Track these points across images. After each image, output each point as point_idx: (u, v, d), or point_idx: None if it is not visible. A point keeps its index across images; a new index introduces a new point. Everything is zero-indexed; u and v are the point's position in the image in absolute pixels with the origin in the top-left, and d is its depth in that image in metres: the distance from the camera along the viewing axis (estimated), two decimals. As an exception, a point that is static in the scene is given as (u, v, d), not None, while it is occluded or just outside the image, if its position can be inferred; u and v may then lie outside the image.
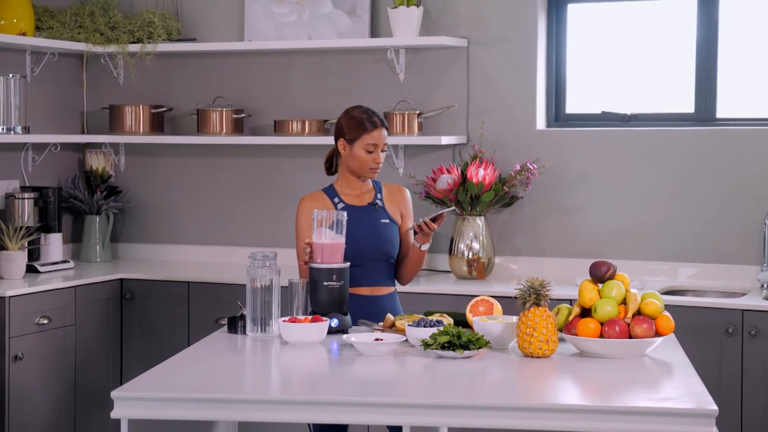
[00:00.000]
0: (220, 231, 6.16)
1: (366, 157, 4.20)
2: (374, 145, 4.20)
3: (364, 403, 3.11)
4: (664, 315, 3.58)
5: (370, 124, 4.20)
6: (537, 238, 5.63)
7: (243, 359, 3.71)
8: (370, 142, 4.19)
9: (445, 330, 3.58)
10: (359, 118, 4.21)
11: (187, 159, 6.20)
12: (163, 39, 6.00)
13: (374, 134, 4.20)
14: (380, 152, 4.22)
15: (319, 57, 5.95)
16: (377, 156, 4.21)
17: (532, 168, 5.45)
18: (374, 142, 4.20)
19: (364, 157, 4.20)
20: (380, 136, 4.21)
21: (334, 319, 3.93)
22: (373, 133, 4.20)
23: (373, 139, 4.19)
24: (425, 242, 4.19)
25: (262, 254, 3.95)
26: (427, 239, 4.18)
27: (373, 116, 4.23)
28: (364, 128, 4.19)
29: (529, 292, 3.56)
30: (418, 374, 3.46)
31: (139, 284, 5.63)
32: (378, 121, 4.22)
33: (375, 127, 4.20)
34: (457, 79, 5.72)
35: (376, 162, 4.21)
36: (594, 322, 3.57)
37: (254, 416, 3.16)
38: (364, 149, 4.20)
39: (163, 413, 3.15)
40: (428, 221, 4.10)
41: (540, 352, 3.53)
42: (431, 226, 4.10)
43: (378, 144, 4.20)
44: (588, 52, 5.70)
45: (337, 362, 3.59)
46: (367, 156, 4.20)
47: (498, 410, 3.06)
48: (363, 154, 4.20)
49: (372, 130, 4.19)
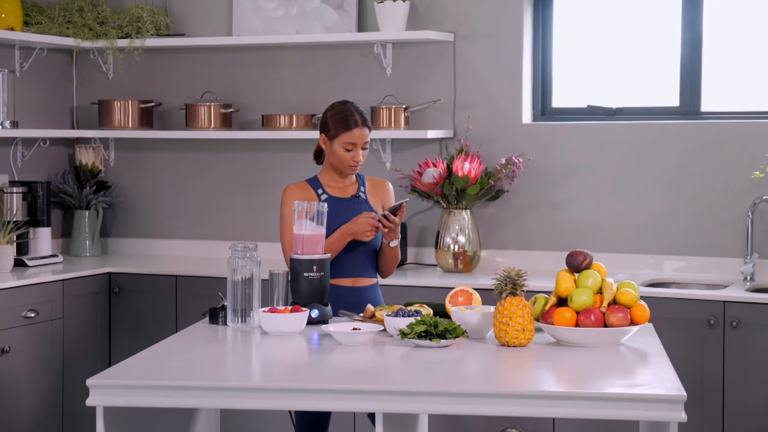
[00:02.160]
0: (209, 225, 6.18)
1: (344, 155, 4.21)
2: (353, 144, 4.20)
3: (343, 390, 3.13)
4: (640, 304, 3.60)
5: (350, 123, 4.20)
6: (523, 231, 5.65)
7: (223, 348, 3.74)
8: (349, 141, 4.20)
9: (422, 319, 3.61)
10: (340, 116, 4.22)
11: (176, 154, 6.23)
12: (152, 34, 6.02)
13: (353, 133, 4.20)
14: (360, 151, 4.21)
15: (307, 52, 5.97)
16: (356, 155, 4.21)
17: (517, 161, 5.48)
18: (353, 141, 4.20)
19: (343, 155, 4.22)
20: (359, 135, 4.20)
21: (314, 309, 3.95)
22: (353, 132, 4.20)
23: (351, 138, 4.20)
24: (392, 239, 4.21)
25: (242, 245, 3.97)
26: (394, 235, 4.20)
27: (354, 115, 4.21)
28: (343, 127, 4.20)
29: (506, 281, 3.59)
30: (395, 363, 3.49)
31: (127, 278, 5.66)
32: (358, 121, 4.20)
33: (354, 126, 4.20)
34: (444, 73, 5.75)
35: (355, 161, 4.21)
36: (570, 311, 3.59)
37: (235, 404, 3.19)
38: (343, 147, 4.21)
39: (141, 401, 3.17)
40: (388, 214, 4.12)
41: (516, 341, 3.56)
42: (392, 218, 4.12)
43: (356, 143, 4.20)
44: (574, 47, 5.72)
45: (316, 352, 3.62)
46: (346, 154, 4.21)
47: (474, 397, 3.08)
48: (342, 152, 4.21)
49: (350, 129, 4.19)
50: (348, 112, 4.22)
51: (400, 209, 4.15)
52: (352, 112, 4.22)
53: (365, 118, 4.24)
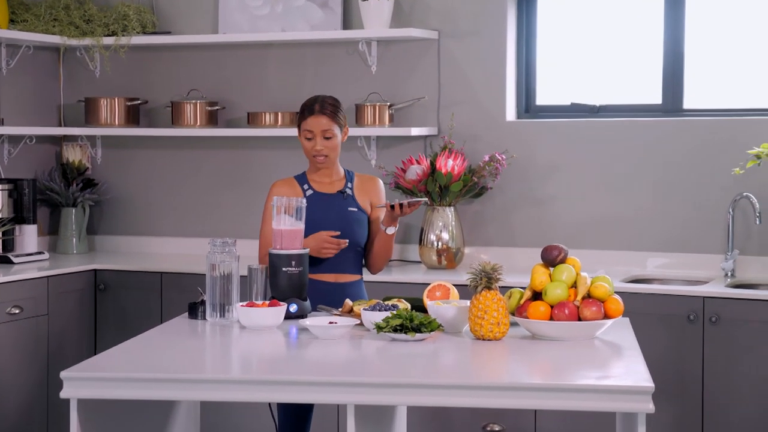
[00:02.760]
0: (195, 222, 6.20)
1: (306, 144, 4.23)
2: (310, 131, 4.20)
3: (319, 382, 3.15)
4: (614, 298, 3.63)
5: (305, 112, 4.21)
6: (507, 228, 5.67)
7: (200, 342, 3.76)
8: (306, 128, 4.21)
9: (398, 313, 3.63)
10: (302, 107, 4.24)
11: (163, 151, 6.25)
12: (138, 32, 6.05)
13: (309, 121, 4.20)
14: (320, 140, 4.19)
15: (292, 50, 6.00)
16: (315, 143, 4.20)
17: (500, 158, 5.50)
18: (309, 128, 4.20)
19: (305, 144, 4.23)
20: (315, 123, 4.19)
21: (293, 304, 3.97)
22: (308, 120, 4.20)
23: (307, 125, 4.20)
24: (391, 225, 4.20)
25: (221, 240, 3.99)
26: (394, 223, 4.20)
27: (314, 104, 4.21)
28: (301, 116, 4.22)
29: (481, 276, 3.61)
30: (371, 355, 3.52)
31: (112, 275, 5.68)
32: (315, 109, 4.19)
33: (309, 114, 4.20)
34: (428, 71, 5.77)
35: (315, 149, 4.20)
36: (544, 305, 3.61)
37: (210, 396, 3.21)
38: (304, 137, 4.23)
39: (115, 393, 3.18)
40: (405, 204, 4.10)
41: (491, 335, 3.58)
42: (405, 209, 4.11)
43: (314, 131, 4.20)
44: (557, 44, 5.75)
45: (294, 345, 3.64)
46: (307, 143, 4.23)
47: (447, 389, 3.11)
48: (304, 142, 4.23)
49: (307, 117, 4.20)
50: (309, 102, 4.23)
51: (416, 205, 4.13)
52: (313, 101, 4.22)
53: (324, 107, 4.20)
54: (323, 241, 4.14)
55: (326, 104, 4.22)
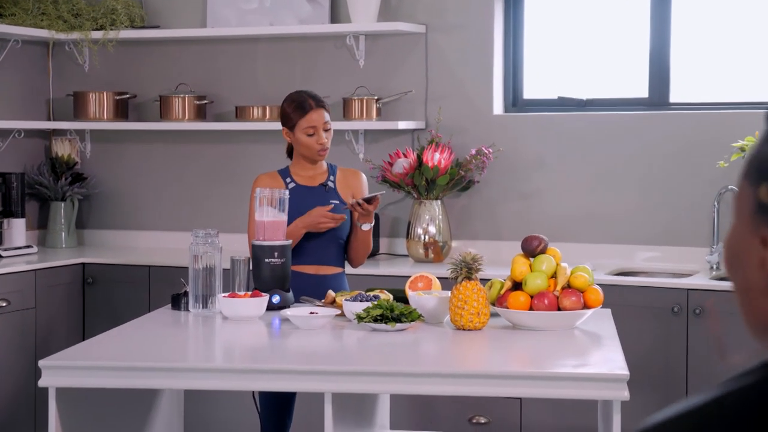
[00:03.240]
0: (184, 216, 6.21)
1: (308, 140, 4.24)
2: (313, 127, 4.23)
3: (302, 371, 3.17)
4: (593, 288, 3.64)
5: (305, 107, 4.22)
6: (494, 222, 5.69)
7: (182, 332, 3.77)
8: (307, 125, 4.23)
9: (379, 304, 3.64)
10: (295, 104, 4.25)
11: (152, 146, 6.26)
12: (126, 26, 6.05)
13: (309, 117, 4.22)
14: (322, 133, 4.24)
15: (281, 44, 6.01)
16: (319, 137, 4.24)
17: (487, 152, 5.51)
18: (311, 125, 4.22)
19: (307, 140, 4.24)
20: (317, 117, 4.22)
21: (275, 295, 3.99)
22: (310, 115, 4.22)
23: (309, 122, 4.22)
24: (365, 222, 4.22)
25: (204, 231, 4.01)
26: (367, 219, 4.22)
27: (307, 99, 4.24)
28: (299, 113, 4.23)
29: (461, 266, 3.62)
30: (352, 345, 3.54)
31: (100, 268, 5.69)
32: (312, 104, 4.22)
33: (310, 109, 4.22)
34: (416, 65, 5.78)
35: (320, 143, 4.24)
36: (524, 295, 3.63)
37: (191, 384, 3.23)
38: (304, 133, 4.24)
39: (96, 382, 3.20)
40: (362, 202, 4.14)
41: (471, 325, 3.59)
42: (365, 207, 4.13)
43: (317, 126, 4.22)
44: (545, 38, 5.76)
45: (277, 336, 3.66)
46: (310, 139, 4.24)
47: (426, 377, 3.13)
48: (305, 139, 4.24)
49: (306, 114, 4.22)
50: (301, 98, 4.25)
51: (375, 200, 4.15)
52: (305, 97, 4.25)
53: (319, 100, 4.26)
54: (320, 216, 4.16)
55: (319, 97, 4.29)
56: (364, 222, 4.21)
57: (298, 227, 4.19)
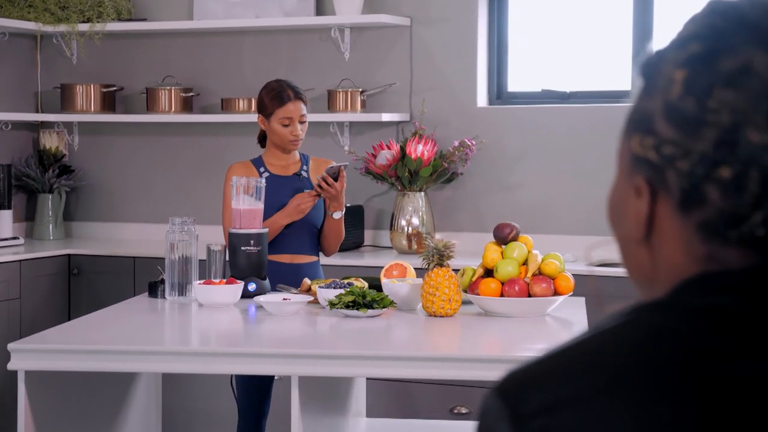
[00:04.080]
0: (171, 209, 6.23)
1: (283, 131, 4.26)
2: (288, 118, 4.24)
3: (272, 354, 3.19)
4: (564, 275, 3.66)
5: (283, 98, 4.24)
6: (478, 213, 5.70)
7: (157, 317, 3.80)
8: (284, 116, 4.25)
9: (351, 290, 3.67)
10: (273, 94, 4.27)
11: (139, 138, 6.29)
12: (113, 18, 6.08)
13: (287, 108, 4.24)
14: (297, 125, 4.25)
15: (267, 36, 6.03)
16: (294, 129, 4.25)
17: (470, 144, 5.53)
18: (288, 115, 4.24)
19: (281, 130, 4.27)
20: (294, 109, 4.24)
21: (251, 283, 4.01)
22: (287, 106, 4.24)
23: (285, 113, 4.24)
24: (335, 210, 4.25)
25: (180, 220, 4.03)
26: (338, 206, 4.24)
27: (286, 90, 4.26)
28: (277, 103, 4.25)
29: (433, 253, 3.64)
30: (324, 331, 3.57)
31: (86, 260, 5.72)
32: (290, 95, 4.24)
33: (287, 100, 4.24)
34: (401, 57, 5.81)
35: (294, 134, 4.25)
36: (495, 282, 3.64)
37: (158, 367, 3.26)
38: (280, 123, 4.26)
39: (65, 365, 3.22)
40: (326, 176, 4.15)
41: (443, 311, 3.61)
42: (330, 181, 4.14)
43: (292, 117, 4.24)
44: (529, 31, 5.77)
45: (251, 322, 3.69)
46: (284, 130, 4.26)
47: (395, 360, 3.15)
48: (280, 129, 4.27)
49: (284, 104, 4.24)
50: (280, 88, 4.27)
51: (340, 173, 4.17)
52: (285, 87, 4.27)
53: (298, 92, 4.28)
54: (297, 199, 4.19)
55: (297, 89, 4.30)
56: (335, 209, 4.23)
57: (279, 218, 4.21)
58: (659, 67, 1.07)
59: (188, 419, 5.47)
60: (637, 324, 1.03)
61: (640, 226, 1.06)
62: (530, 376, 1.01)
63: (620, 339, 1.02)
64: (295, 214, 4.22)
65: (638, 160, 1.06)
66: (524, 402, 0.99)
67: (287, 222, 4.23)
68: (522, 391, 1.00)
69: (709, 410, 0.95)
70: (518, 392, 1.00)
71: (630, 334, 1.02)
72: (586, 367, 1.00)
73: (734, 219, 0.99)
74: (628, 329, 1.02)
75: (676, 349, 0.98)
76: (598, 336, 1.03)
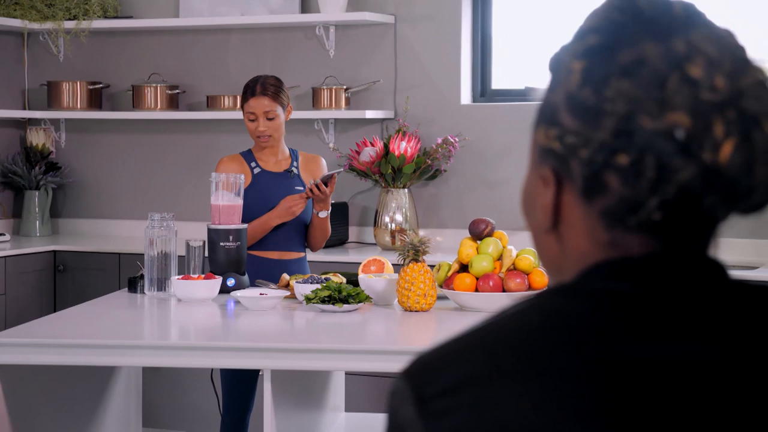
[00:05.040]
0: (158, 205, 6.25)
1: (250, 125, 4.28)
2: (252, 113, 4.25)
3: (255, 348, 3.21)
4: (538, 270, 3.68)
5: (247, 93, 4.25)
6: (462, 210, 5.73)
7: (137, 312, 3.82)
8: (248, 110, 4.25)
9: (327, 285, 3.69)
10: (244, 88, 4.29)
11: (125, 135, 6.31)
12: (99, 16, 6.10)
13: (251, 103, 4.23)
14: (263, 121, 4.23)
15: (253, 34, 6.06)
16: (259, 124, 4.24)
17: (454, 141, 5.56)
18: (251, 110, 4.24)
19: (249, 125, 4.28)
20: (257, 104, 4.22)
21: (230, 278, 4.03)
22: (250, 101, 4.24)
23: (250, 107, 4.24)
24: (322, 209, 4.27)
25: (159, 215, 4.05)
26: (324, 206, 4.26)
27: (255, 85, 4.25)
28: (244, 98, 4.27)
29: (408, 248, 3.67)
30: (300, 325, 3.60)
31: (72, 256, 5.74)
32: (256, 90, 4.23)
33: (251, 95, 4.23)
34: (385, 55, 5.83)
35: (258, 130, 4.25)
36: (470, 277, 3.67)
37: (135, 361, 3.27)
38: (247, 118, 4.28)
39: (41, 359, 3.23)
40: (320, 183, 4.18)
41: (418, 306, 3.64)
42: (322, 188, 4.17)
43: (256, 113, 4.23)
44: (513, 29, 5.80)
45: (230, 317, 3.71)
46: (250, 125, 4.28)
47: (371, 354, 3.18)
48: (248, 123, 4.29)
49: (249, 99, 4.24)
50: (250, 83, 4.28)
51: (332, 180, 4.20)
52: (255, 82, 4.27)
53: (266, 88, 4.24)
54: (288, 201, 4.21)
55: (268, 85, 4.27)
56: (321, 209, 4.26)
57: (270, 219, 4.24)
58: (561, 60, 1.10)
59: (169, 414, 5.50)
60: (537, 307, 1.06)
61: (548, 216, 1.09)
62: (434, 360, 1.04)
63: (521, 322, 1.05)
64: (286, 216, 4.24)
65: (544, 151, 1.10)
66: (428, 384, 1.02)
67: (278, 223, 4.25)
68: (426, 373, 1.03)
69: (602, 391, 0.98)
70: (422, 375, 1.03)
71: (530, 317, 1.05)
72: (487, 349, 1.02)
73: (633, 205, 1.02)
74: (529, 312, 1.05)
75: (572, 331, 1.01)
76: (502, 320, 1.06)
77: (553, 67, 1.11)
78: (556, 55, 1.11)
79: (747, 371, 0.99)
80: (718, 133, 0.99)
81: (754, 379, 0.99)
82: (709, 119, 0.99)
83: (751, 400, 0.98)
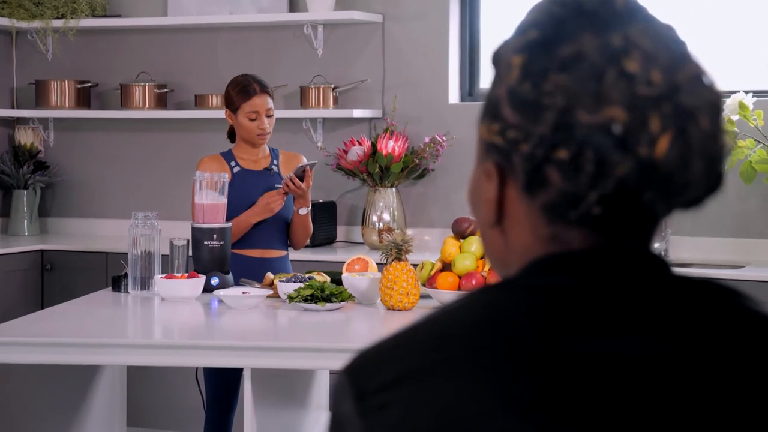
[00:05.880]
0: (146, 204, 6.24)
1: (250, 125, 4.28)
2: (255, 112, 4.26)
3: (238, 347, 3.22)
4: (521, 269, 3.68)
5: (249, 92, 4.26)
6: (450, 209, 5.72)
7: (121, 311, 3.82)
8: (250, 110, 4.26)
9: (310, 284, 3.69)
10: (237, 88, 4.29)
11: (114, 134, 6.31)
12: (87, 15, 6.10)
13: (253, 102, 4.25)
14: (264, 118, 4.27)
15: (241, 33, 6.05)
16: (261, 123, 4.27)
17: (441, 140, 5.56)
18: (254, 109, 4.26)
19: (248, 125, 4.28)
20: (260, 103, 4.25)
21: (214, 277, 4.03)
22: (253, 100, 4.26)
23: (252, 107, 4.26)
24: (302, 206, 4.27)
25: (143, 214, 4.05)
26: (303, 203, 4.26)
27: (252, 84, 4.27)
28: (243, 97, 4.27)
29: (391, 247, 3.67)
30: (282, 324, 3.60)
31: (59, 255, 5.73)
32: (257, 89, 4.26)
33: (253, 93, 4.25)
34: (373, 54, 5.83)
35: (261, 128, 4.27)
36: (453, 276, 3.67)
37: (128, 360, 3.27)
38: (247, 117, 4.28)
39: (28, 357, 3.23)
40: (293, 177, 4.17)
41: (401, 305, 3.64)
42: (297, 182, 4.17)
43: (259, 111, 4.26)
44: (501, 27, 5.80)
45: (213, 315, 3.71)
46: (251, 124, 4.28)
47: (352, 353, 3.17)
48: (247, 123, 4.28)
49: (249, 98, 4.25)
50: (246, 82, 4.29)
51: (307, 174, 4.19)
52: (250, 81, 4.29)
53: (264, 86, 4.29)
54: (266, 197, 4.21)
55: (263, 83, 4.31)
56: (301, 206, 4.26)
57: (249, 217, 4.23)
58: (503, 54, 1.10)
59: (154, 412, 5.49)
60: (478, 302, 1.06)
61: (492, 210, 1.09)
62: (374, 356, 1.04)
63: (461, 316, 1.05)
64: (265, 213, 4.24)
65: (488, 145, 1.10)
66: (367, 380, 1.02)
67: (257, 220, 4.25)
68: (366, 370, 1.03)
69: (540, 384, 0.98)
70: (362, 371, 1.04)
71: (471, 311, 1.05)
72: (426, 344, 1.03)
73: (574, 200, 1.02)
74: (470, 307, 1.05)
75: (512, 325, 1.01)
76: (443, 314, 1.06)
77: (496, 62, 1.11)
78: (498, 49, 1.11)
79: (686, 366, 0.99)
80: (654, 128, 0.99)
81: (693, 374, 0.99)
82: (645, 114, 1.00)
83: (689, 394, 0.98)
